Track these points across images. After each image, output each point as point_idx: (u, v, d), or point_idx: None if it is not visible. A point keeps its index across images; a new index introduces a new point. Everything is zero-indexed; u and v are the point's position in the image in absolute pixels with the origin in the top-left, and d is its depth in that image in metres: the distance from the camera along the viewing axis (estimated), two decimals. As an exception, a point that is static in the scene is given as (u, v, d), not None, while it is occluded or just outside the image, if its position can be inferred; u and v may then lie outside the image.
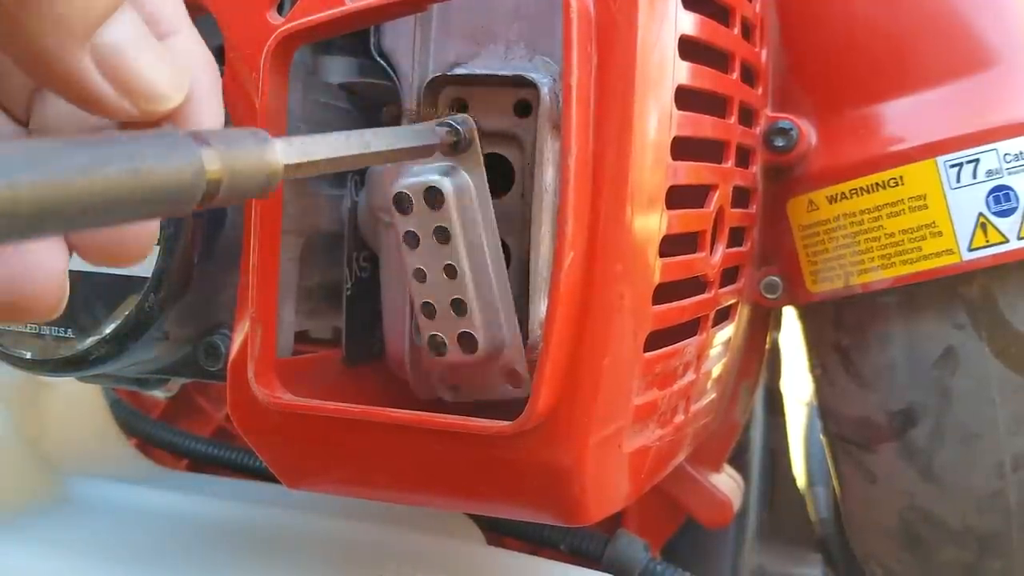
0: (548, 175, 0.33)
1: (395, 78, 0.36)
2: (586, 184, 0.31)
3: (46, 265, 0.23)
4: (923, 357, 0.46)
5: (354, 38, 0.37)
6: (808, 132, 0.46)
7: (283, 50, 0.33)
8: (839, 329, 0.49)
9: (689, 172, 0.35)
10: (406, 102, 0.36)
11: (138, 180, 0.17)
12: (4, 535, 0.45)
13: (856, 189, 0.45)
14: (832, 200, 0.45)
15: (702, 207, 0.37)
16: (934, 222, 0.44)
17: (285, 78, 0.34)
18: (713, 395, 0.45)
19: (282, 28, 0.33)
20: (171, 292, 0.39)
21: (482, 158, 0.32)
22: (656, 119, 0.32)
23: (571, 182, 0.30)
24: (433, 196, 0.32)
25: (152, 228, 0.25)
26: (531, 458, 0.32)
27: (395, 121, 0.36)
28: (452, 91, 0.34)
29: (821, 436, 0.55)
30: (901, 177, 0.44)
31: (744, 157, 0.42)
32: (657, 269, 0.34)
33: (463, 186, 0.32)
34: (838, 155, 0.45)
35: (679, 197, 0.34)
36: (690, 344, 0.38)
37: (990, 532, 0.47)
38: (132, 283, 0.39)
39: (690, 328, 0.38)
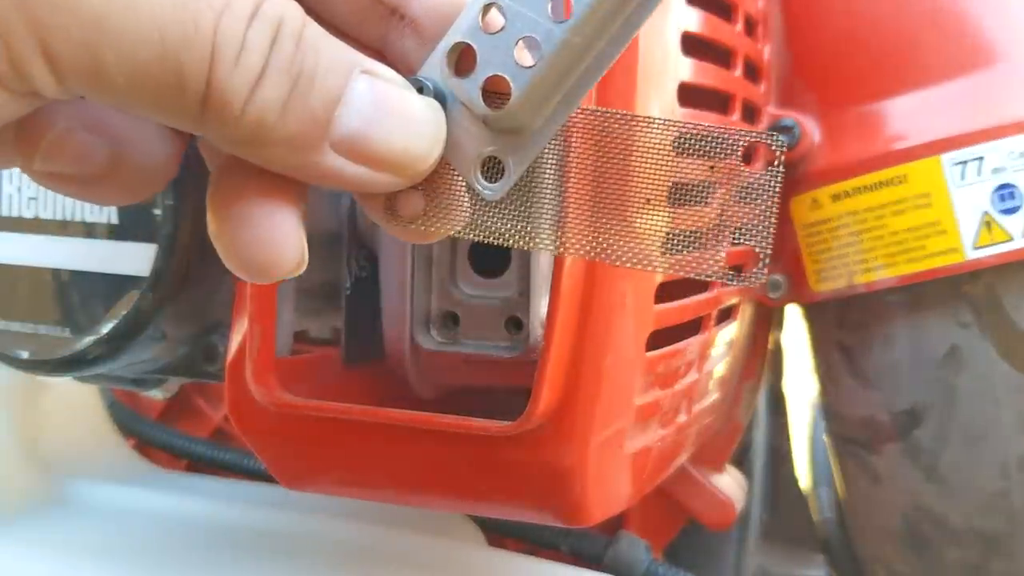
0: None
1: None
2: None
3: (287, 225, 0.23)
4: (927, 356, 0.46)
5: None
6: (811, 130, 0.46)
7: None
8: (843, 328, 0.49)
9: (692, 169, 0.35)
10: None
11: None
12: (2, 536, 0.45)
13: (859, 187, 0.44)
14: (835, 198, 0.45)
15: (705, 205, 0.37)
16: (938, 220, 0.43)
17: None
18: (716, 395, 0.45)
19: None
20: (169, 291, 0.38)
21: None
22: (658, 116, 0.32)
23: (571, 173, 0.30)
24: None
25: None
26: (532, 459, 0.32)
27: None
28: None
29: (824, 436, 0.54)
30: (905, 175, 0.44)
31: (747, 155, 0.42)
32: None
33: None
34: (841, 153, 0.45)
35: (682, 195, 0.34)
36: (692, 343, 0.38)
37: (995, 532, 0.47)
38: (129, 282, 0.38)
39: (692, 327, 0.38)
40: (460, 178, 0.24)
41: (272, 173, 0.22)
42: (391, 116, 0.22)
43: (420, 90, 0.23)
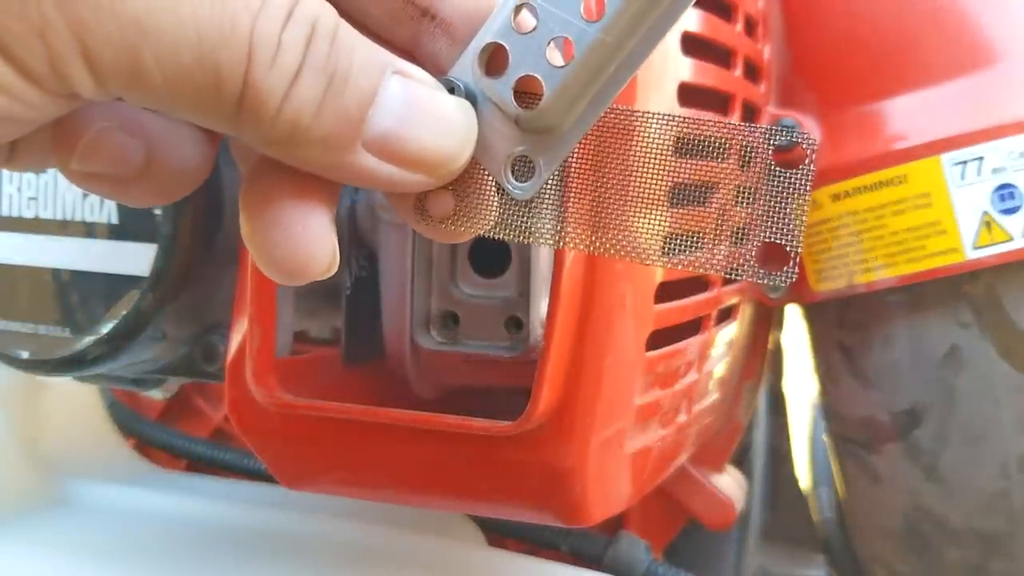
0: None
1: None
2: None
3: (319, 227, 0.23)
4: (927, 356, 0.46)
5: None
6: (811, 130, 0.46)
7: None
8: (843, 328, 0.49)
9: (692, 169, 0.35)
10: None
11: None
12: (2, 536, 0.45)
13: (859, 187, 0.44)
14: (835, 198, 0.45)
15: (705, 205, 0.37)
16: (938, 220, 0.43)
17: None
18: (716, 395, 0.45)
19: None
20: (169, 291, 0.38)
21: None
22: (658, 116, 0.32)
23: (572, 180, 0.30)
24: None
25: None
26: (532, 459, 0.32)
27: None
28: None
29: (824, 436, 0.54)
30: (905, 175, 0.44)
31: (747, 155, 0.42)
32: (659, 267, 0.33)
33: None
34: (841, 153, 0.45)
35: (682, 195, 0.34)
36: (692, 343, 0.38)
37: (995, 532, 0.47)
38: (129, 282, 0.38)
39: (692, 327, 0.38)
40: (490, 178, 0.24)
41: (304, 174, 0.22)
42: (423, 116, 0.22)
43: (451, 90, 0.23)
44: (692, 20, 0.35)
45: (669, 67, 0.33)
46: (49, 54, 0.19)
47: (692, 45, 0.35)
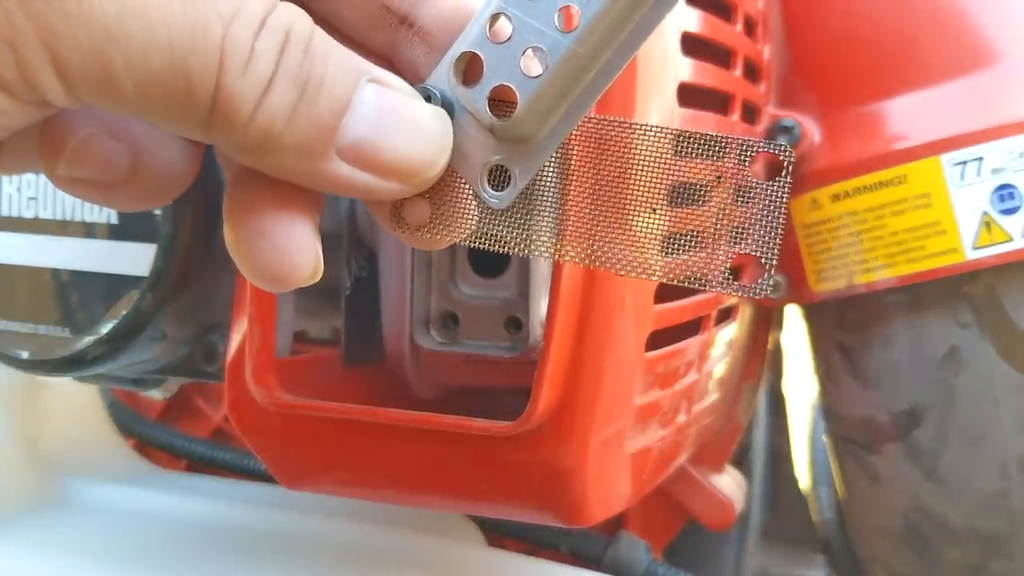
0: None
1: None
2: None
3: (302, 236, 0.23)
4: (927, 357, 0.46)
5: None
6: (811, 130, 0.46)
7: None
8: (842, 328, 0.49)
9: (691, 170, 0.35)
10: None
11: None
12: (2, 536, 0.45)
13: (859, 187, 0.44)
14: (835, 198, 0.45)
15: (704, 205, 0.37)
16: (938, 220, 0.43)
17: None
18: (715, 396, 0.45)
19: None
20: (168, 291, 0.38)
21: None
22: (658, 116, 0.32)
23: (571, 180, 0.30)
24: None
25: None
26: (532, 459, 0.32)
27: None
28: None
29: (824, 436, 0.54)
30: (905, 175, 0.44)
31: (746, 155, 0.42)
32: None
33: None
34: (841, 153, 0.45)
35: (681, 195, 0.34)
36: (692, 344, 0.38)
37: (995, 533, 0.47)
38: (129, 282, 0.38)
39: (692, 328, 0.38)
40: (466, 186, 0.24)
41: (286, 183, 0.22)
42: (398, 124, 0.22)
43: (428, 99, 0.23)
44: (692, 20, 0.35)
45: (669, 67, 0.33)
46: (18, 61, 0.19)
47: (692, 45, 0.35)
